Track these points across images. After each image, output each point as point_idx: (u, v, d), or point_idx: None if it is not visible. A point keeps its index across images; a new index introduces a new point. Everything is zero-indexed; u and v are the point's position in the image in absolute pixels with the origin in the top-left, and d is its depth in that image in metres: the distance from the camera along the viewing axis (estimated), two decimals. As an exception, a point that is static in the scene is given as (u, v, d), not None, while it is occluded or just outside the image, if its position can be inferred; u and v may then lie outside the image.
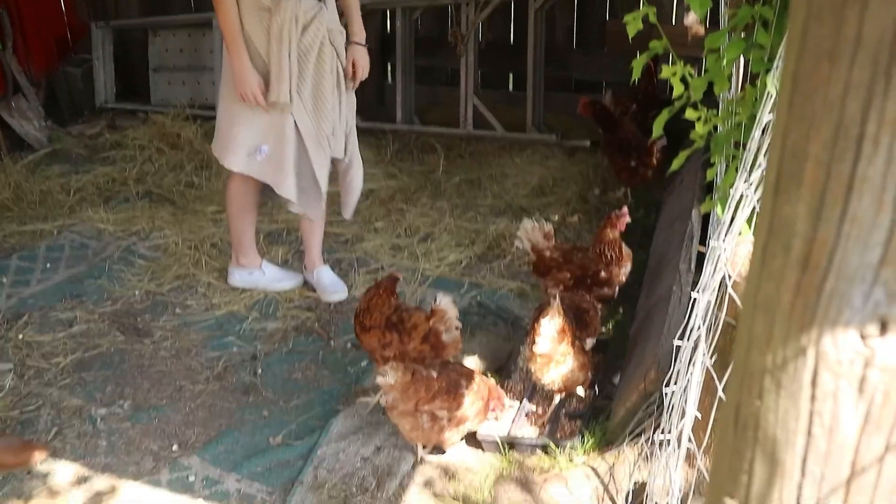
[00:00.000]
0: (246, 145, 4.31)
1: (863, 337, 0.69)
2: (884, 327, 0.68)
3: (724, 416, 0.84)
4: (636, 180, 5.71)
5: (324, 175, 4.40)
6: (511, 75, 8.18)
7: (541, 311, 3.50)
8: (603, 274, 4.23)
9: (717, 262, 2.47)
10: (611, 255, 4.23)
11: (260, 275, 4.80)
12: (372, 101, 7.68)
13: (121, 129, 7.38)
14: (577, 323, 3.66)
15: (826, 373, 0.71)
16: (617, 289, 4.32)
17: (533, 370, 3.57)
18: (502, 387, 3.86)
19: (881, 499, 0.73)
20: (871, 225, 0.67)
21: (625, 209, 4.28)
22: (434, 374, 3.29)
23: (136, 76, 8.24)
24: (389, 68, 8.15)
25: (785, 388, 0.74)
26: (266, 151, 4.28)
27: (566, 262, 4.27)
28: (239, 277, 4.83)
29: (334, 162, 4.52)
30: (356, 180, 4.65)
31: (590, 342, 3.72)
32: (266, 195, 4.71)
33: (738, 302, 1.85)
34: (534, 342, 3.44)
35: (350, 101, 4.50)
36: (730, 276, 2.31)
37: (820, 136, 0.67)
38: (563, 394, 3.66)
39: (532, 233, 4.33)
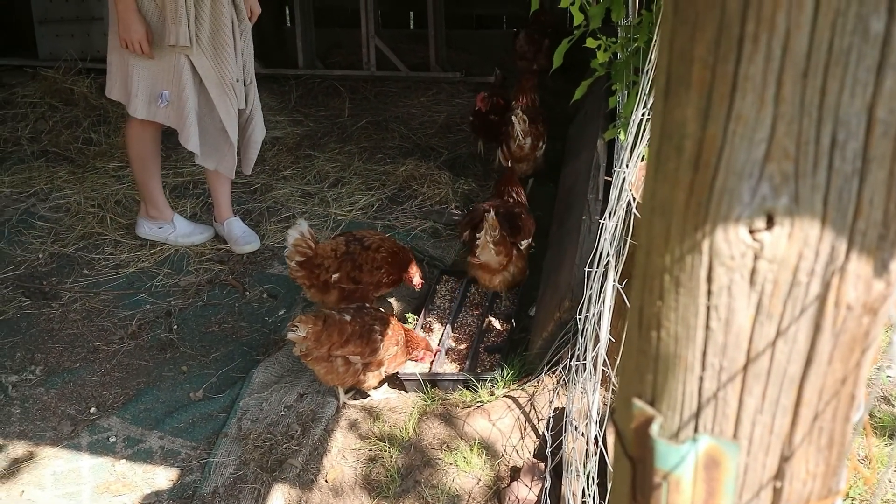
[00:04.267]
0: (146, 91, 4.16)
1: (751, 231, 0.72)
2: (770, 221, 0.72)
3: (629, 319, 0.87)
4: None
5: (232, 126, 4.26)
6: (411, 13, 8.11)
7: (473, 217, 3.90)
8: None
9: (621, 188, 2.53)
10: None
11: (170, 229, 4.68)
12: (272, 47, 7.52)
13: (8, 87, 7.05)
14: (511, 228, 3.87)
15: (720, 268, 0.74)
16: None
17: (475, 275, 3.91)
18: (423, 327, 3.90)
19: (773, 384, 0.77)
20: (755, 122, 0.70)
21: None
22: (347, 318, 3.29)
23: (20, 30, 7.85)
24: (287, 11, 7.97)
25: (683, 285, 0.77)
26: (168, 98, 4.13)
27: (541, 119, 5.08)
28: (148, 229, 4.70)
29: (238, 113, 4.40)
30: (257, 134, 4.50)
31: (524, 243, 3.94)
32: (171, 148, 4.57)
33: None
34: (474, 255, 3.75)
35: (248, 48, 4.36)
36: (634, 199, 2.37)
37: (704, 38, 0.69)
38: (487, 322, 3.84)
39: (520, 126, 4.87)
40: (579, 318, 2.97)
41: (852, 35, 0.66)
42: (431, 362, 3.66)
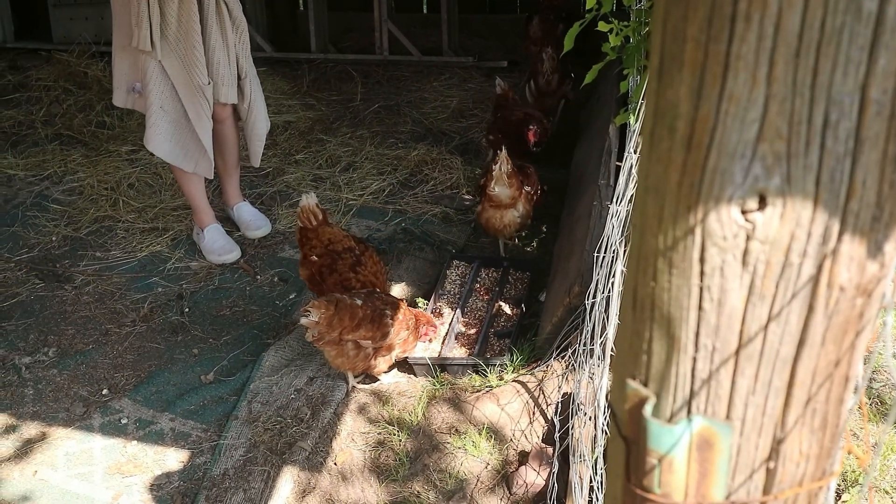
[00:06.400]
0: (124, 80, 4.17)
1: (744, 212, 0.72)
2: (762, 201, 0.72)
3: (623, 300, 0.87)
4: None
5: (203, 129, 4.17)
6: (425, -2, 8.10)
7: (489, 166, 4.08)
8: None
9: (629, 172, 2.52)
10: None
11: (202, 238, 4.64)
12: (285, 31, 7.51)
13: (23, 70, 7.07)
14: (520, 174, 4.14)
15: (712, 248, 0.74)
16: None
17: (487, 218, 4.12)
18: (433, 311, 3.91)
19: (766, 365, 0.77)
20: (747, 102, 0.69)
21: None
22: (359, 303, 3.30)
23: (34, 13, 7.87)
24: (301, -4, 7.97)
25: (676, 266, 0.77)
26: (139, 89, 4.14)
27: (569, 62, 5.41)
28: (194, 232, 4.69)
29: (236, 107, 4.35)
30: (259, 127, 4.44)
31: (528, 190, 4.23)
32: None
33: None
34: (490, 187, 3.99)
35: (244, 43, 4.25)
36: (643, 184, 2.36)
37: (697, 17, 0.69)
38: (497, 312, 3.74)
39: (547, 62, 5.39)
40: (587, 303, 2.97)
41: (845, 14, 0.65)
42: (442, 345, 3.67)
